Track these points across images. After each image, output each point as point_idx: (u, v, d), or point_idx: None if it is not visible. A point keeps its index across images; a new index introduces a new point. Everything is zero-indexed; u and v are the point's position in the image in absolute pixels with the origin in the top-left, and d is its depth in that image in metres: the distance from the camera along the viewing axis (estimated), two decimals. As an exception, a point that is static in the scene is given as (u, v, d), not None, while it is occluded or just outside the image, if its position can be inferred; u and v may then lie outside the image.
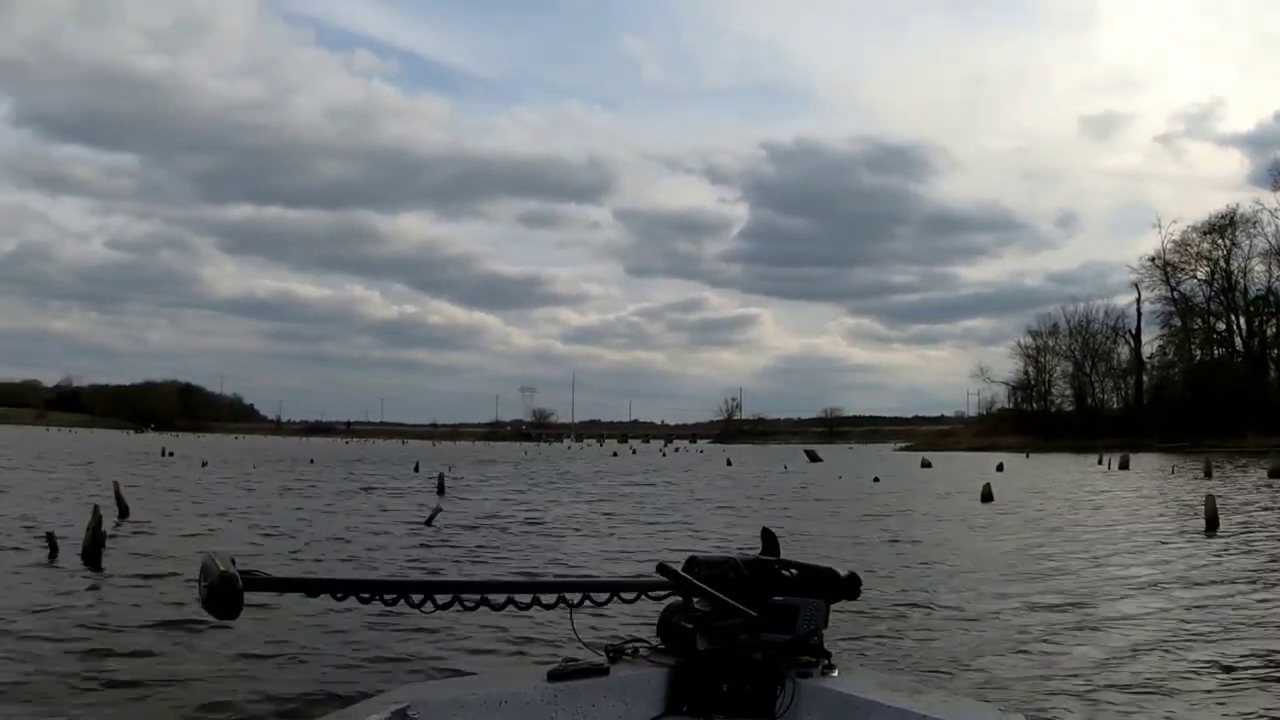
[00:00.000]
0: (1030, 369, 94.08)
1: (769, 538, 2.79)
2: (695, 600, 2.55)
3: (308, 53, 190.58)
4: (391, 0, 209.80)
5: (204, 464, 35.63)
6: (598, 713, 2.26)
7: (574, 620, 2.43)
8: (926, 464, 47.45)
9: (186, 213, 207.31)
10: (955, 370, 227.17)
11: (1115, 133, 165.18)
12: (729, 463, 49.69)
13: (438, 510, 16.69)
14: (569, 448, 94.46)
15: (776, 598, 2.46)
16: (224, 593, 1.90)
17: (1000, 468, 38.65)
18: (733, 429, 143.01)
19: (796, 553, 2.88)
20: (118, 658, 6.40)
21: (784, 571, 2.61)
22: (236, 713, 5.32)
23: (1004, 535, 15.51)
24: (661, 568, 2.55)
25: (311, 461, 41.52)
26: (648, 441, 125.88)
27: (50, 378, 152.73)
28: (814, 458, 53.00)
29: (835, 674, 2.36)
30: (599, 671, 2.33)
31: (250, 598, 1.94)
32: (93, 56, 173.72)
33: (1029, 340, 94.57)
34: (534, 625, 6.57)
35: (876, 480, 32.92)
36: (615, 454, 70.91)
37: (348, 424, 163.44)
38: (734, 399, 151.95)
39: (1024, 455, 61.67)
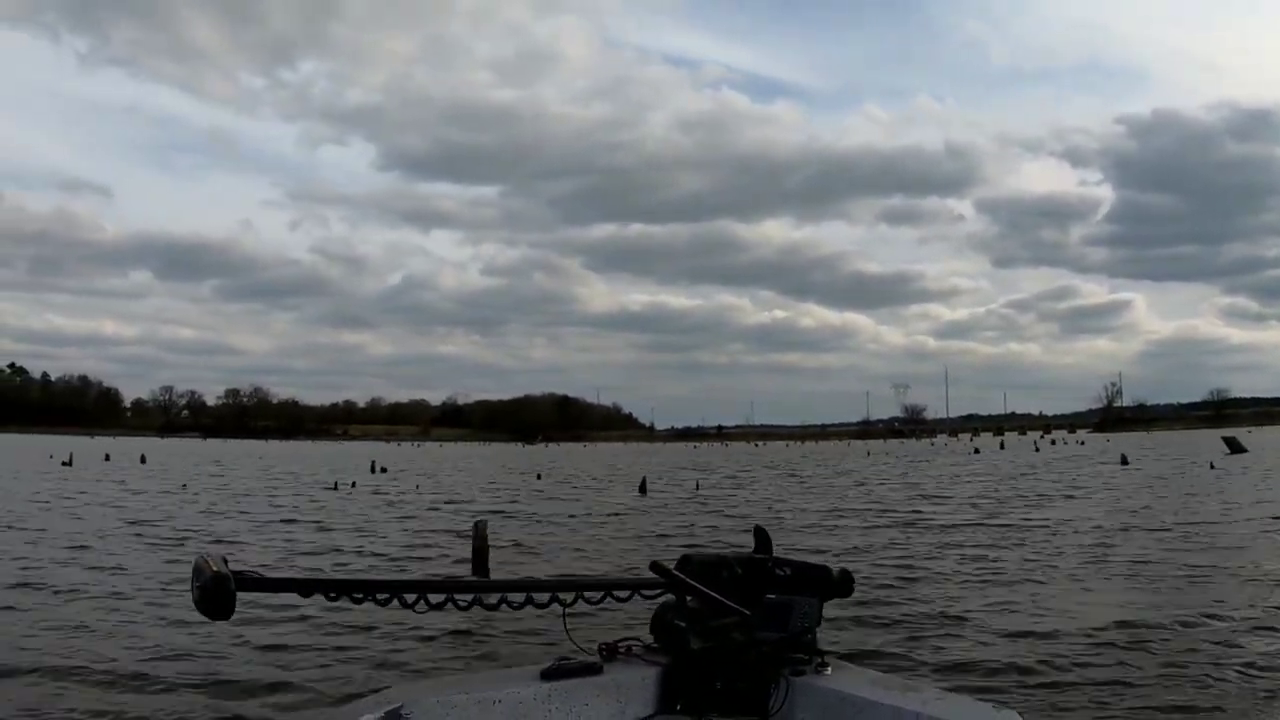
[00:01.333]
0: None
1: (761, 535, 2.82)
2: (689, 599, 2.56)
3: (655, 69, 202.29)
4: (722, 26, 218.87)
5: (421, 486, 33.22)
6: (591, 712, 2.32)
7: (567, 620, 2.43)
8: None
9: (550, 236, 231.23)
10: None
11: None
12: (1124, 460, 39.39)
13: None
14: (932, 444, 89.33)
15: (770, 596, 2.54)
16: (217, 593, 1.91)
17: None
18: (1112, 416, 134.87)
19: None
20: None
21: (777, 570, 2.67)
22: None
23: None
24: (655, 566, 2.59)
25: (618, 468, 41.21)
26: (1024, 434, 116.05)
27: (437, 396, 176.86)
28: (1236, 447, 43.15)
29: (829, 672, 2.40)
30: (592, 670, 2.39)
31: (243, 598, 1.93)
32: (445, 95, 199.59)
33: None
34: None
35: None
36: (977, 450, 64.16)
37: (718, 428, 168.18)
38: (1114, 385, 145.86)
39: None
